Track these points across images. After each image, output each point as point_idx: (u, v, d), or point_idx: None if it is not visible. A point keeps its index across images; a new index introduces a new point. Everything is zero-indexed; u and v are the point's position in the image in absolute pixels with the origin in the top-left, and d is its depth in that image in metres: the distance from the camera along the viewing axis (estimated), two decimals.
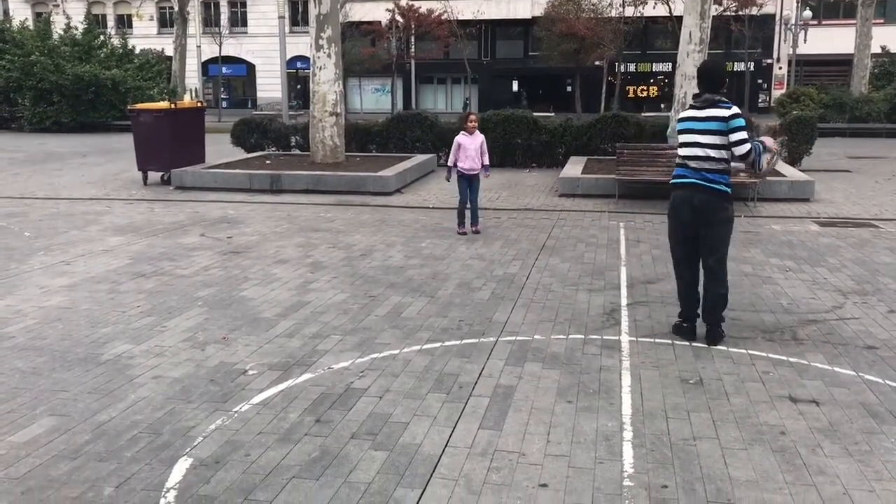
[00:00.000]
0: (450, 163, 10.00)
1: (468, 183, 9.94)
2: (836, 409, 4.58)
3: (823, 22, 43.19)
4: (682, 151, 5.81)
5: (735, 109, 5.62)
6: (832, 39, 41.34)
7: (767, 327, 6.13)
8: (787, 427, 4.33)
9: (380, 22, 43.78)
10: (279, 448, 4.08)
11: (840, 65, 39.64)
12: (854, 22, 32.62)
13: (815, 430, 4.28)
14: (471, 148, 9.88)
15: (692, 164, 5.72)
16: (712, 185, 5.68)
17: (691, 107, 5.82)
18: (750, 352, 5.55)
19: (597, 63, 40.19)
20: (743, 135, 5.53)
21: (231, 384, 4.96)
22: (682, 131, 5.82)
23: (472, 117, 10.12)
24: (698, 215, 5.72)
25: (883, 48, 34.60)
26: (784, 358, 5.43)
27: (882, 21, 40.10)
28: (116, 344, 5.71)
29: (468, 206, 9.94)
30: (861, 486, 3.69)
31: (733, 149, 5.58)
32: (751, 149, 5.56)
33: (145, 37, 48.70)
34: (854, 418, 4.44)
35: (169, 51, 37.42)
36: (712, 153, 5.62)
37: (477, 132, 10.03)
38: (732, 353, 5.52)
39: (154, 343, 5.74)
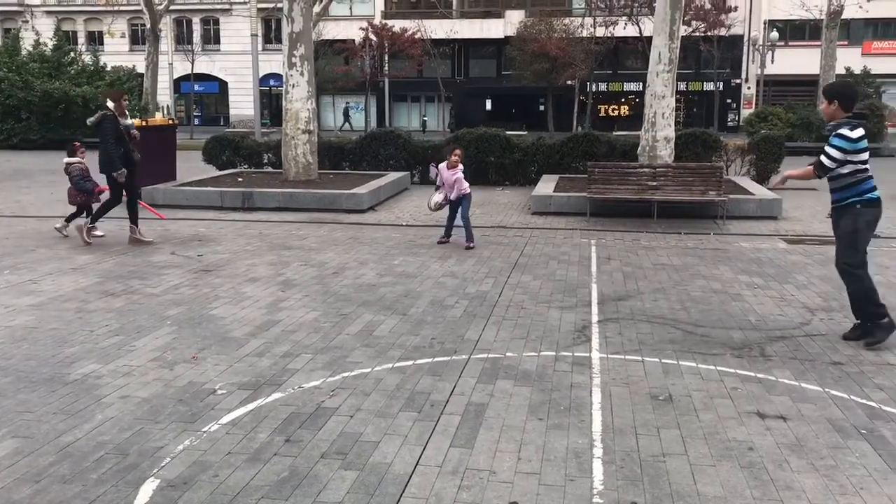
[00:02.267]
0: (437, 181, 10.55)
1: (451, 206, 10.40)
2: (802, 424, 4.63)
3: (790, 43, 44.05)
4: (868, 167, 6.21)
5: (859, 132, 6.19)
6: (799, 60, 42.17)
7: (736, 344, 6.20)
8: (754, 443, 4.37)
9: (353, 40, 43.99)
10: (248, 468, 4.04)
11: (806, 85, 40.39)
12: (819, 43, 33.30)
13: (783, 446, 4.33)
14: (447, 179, 10.27)
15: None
16: None
17: (860, 125, 6.13)
18: (719, 368, 5.60)
19: (569, 82, 40.63)
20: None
21: (200, 404, 4.91)
22: (865, 150, 6.15)
23: (457, 152, 10.40)
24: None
25: (847, 69, 35.31)
26: (752, 374, 5.49)
27: (846, 43, 41.01)
28: (83, 364, 5.63)
29: (458, 224, 10.34)
30: (826, 500, 3.74)
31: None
32: None
33: (117, 53, 48.41)
34: (820, 433, 4.50)
35: (140, 68, 37.20)
36: None
37: (456, 168, 10.30)
38: (701, 370, 5.57)
39: (122, 363, 5.67)
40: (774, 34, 39.74)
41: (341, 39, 43.81)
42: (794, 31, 44.66)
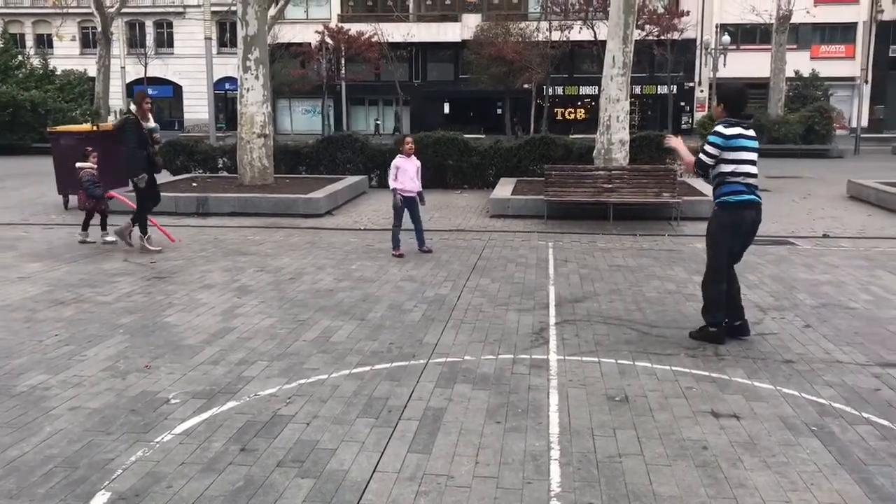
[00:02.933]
0: (391, 185, 10.00)
1: (408, 206, 9.98)
2: (755, 422, 4.71)
3: (741, 47, 44.89)
4: (745, 169, 6.09)
5: None
6: (750, 63, 42.97)
7: (690, 344, 6.27)
8: (709, 442, 4.43)
9: (309, 44, 43.72)
10: (202, 478, 3.98)
11: (757, 88, 41.07)
12: (769, 47, 33.99)
13: (736, 444, 4.39)
14: (409, 170, 9.94)
15: (752, 181, 6.13)
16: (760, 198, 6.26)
17: (738, 125, 6.07)
18: (674, 368, 5.67)
19: (525, 86, 40.86)
20: None
21: (153, 414, 4.82)
22: (740, 149, 6.06)
23: (408, 140, 10.14)
24: (753, 231, 6.26)
25: (796, 72, 36.10)
26: (706, 373, 5.56)
27: (795, 47, 41.89)
28: (32, 374, 5.49)
29: (408, 228, 9.99)
30: (778, 497, 3.80)
31: None
32: None
33: (67, 57, 47.43)
34: (772, 431, 4.58)
35: (92, 71, 36.50)
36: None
37: (413, 156, 10.06)
38: (657, 370, 5.63)
39: (72, 373, 5.54)
40: (726, 38, 40.47)
41: (297, 43, 43.49)
42: (745, 35, 45.54)
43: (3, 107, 28.57)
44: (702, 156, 6.11)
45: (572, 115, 48.52)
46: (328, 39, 43.05)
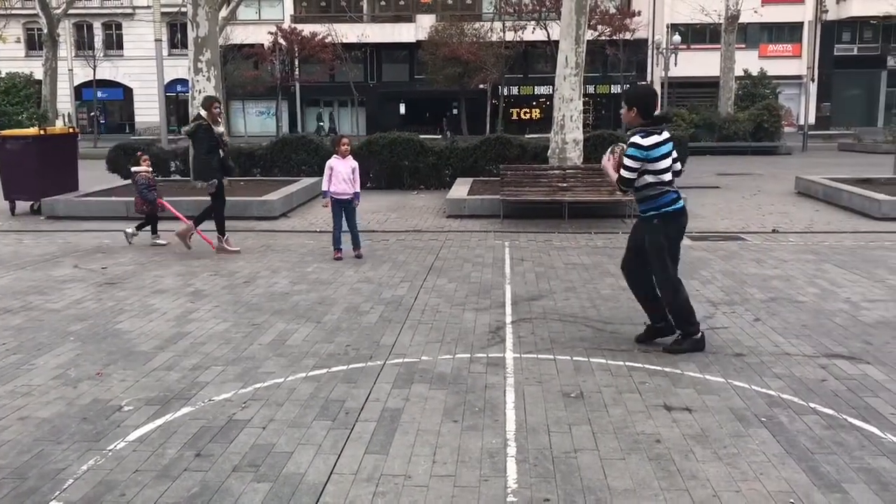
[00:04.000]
0: (323, 187, 9.84)
1: (341, 207, 9.81)
2: (707, 415, 4.80)
3: (692, 46, 45.60)
4: (669, 177, 5.96)
5: None
6: (700, 63, 43.71)
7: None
8: (662, 435, 4.50)
9: (262, 45, 43.30)
10: (157, 486, 3.93)
11: (708, 87, 41.88)
12: (719, 47, 34.60)
13: (688, 437, 4.48)
14: (343, 171, 9.71)
15: (675, 184, 6.08)
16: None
17: (654, 132, 5.86)
18: (627, 363, 5.75)
19: (481, 86, 41.03)
20: None
21: (105, 421, 4.74)
22: (661, 157, 5.88)
23: (344, 140, 9.96)
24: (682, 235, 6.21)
25: (745, 71, 36.81)
26: (659, 368, 5.66)
27: (743, 46, 42.75)
28: None
29: (344, 230, 9.83)
30: (729, 487, 3.88)
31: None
32: None
33: (12, 59, 46.21)
34: (723, 423, 4.67)
35: (38, 74, 35.63)
36: None
37: (350, 157, 9.87)
38: (611, 366, 5.71)
39: (21, 382, 5.42)
40: (677, 37, 41.08)
41: (250, 44, 43.03)
42: (695, 35, 46.28)
43: None
44: (624, 172, 5.87)
45: (528, 115, 48.84)
46: (281, 40, 42.71)
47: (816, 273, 8.83)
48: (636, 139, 5.82)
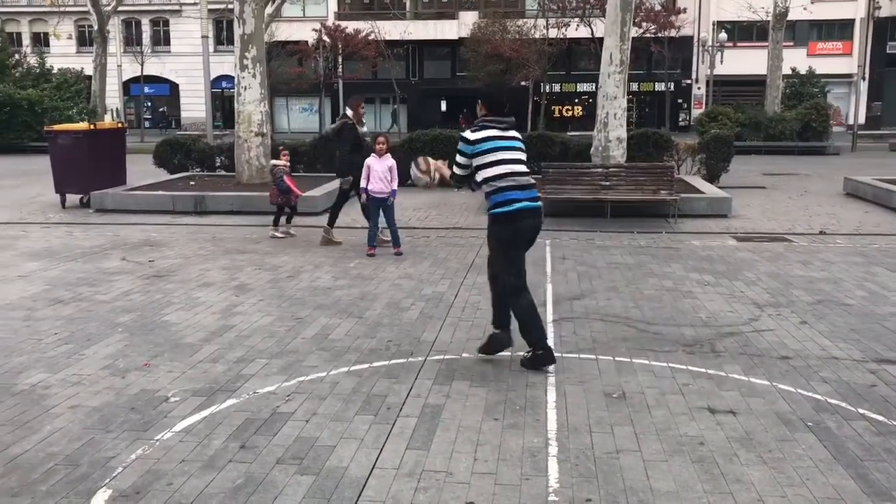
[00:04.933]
0: (362, 184, 9.97)
1: (379, 206, 9.90)
2: (751, 418, 4.74)
3: (738, 44, 44.87)
4: (507, 169, 5.49)
5: None
6: (747, 61, 42.99)
7: (687, 340, 6.31)
8: (705, 438, 4.45)
9: (306, 42, 43.64)
10: (203, 476, 4.00)
11: (755, 85, 41.19)
12: (766, 44, 34.00)
13: (732, 440, 4.42)
14: (379, 170, 9.83)
15: (522, 181, 5.56)
16: (539, 203, 5.65)
17: (489, 126, 5.54)
18: (671, 365, 5.70)
19: (522, 83, 40.85)
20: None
21: (153, 412, 4.84)
22: (493, 150, 5.46)
23: (381, 139, 10.08)
24: (535, 237, 5.79)
25: (793, 69, 36.13)
26: (703, 370, 5.59)
27: (791, 44, 41.92)
28: (31, 373, 5.51)
29: (379, 228, 9.98)
30: (774, 492, 3.83)
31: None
32: None
33: (63, 55, 47.28)
34: (768, 427, 4.61)
35: (88, 70, 36.43)
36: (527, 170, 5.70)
37: (388, 155, 9.96)
38: (654, 367, 5.66)
39: (72, 371, 5.56)
40: (723, 35, 40.51)
41: (294, 41, 43.44)
42: (741, 33, 45.54)
43: (1, 106, 28.55)
44: (455, 168, 5.61)
45: (570, 113, 48.51)
46: (325, 37, 42.97)
47: (865, 276, 8.64)
48: (465, 134, 5.59)
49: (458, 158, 5.57)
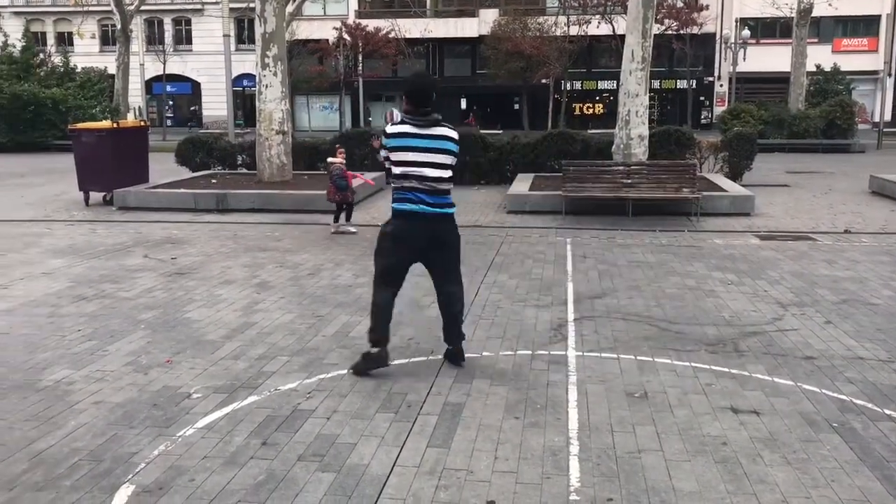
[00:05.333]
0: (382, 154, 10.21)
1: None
2: (775, 418, 4.69)
3: (761, 41, 44.44)
4: (410, 171, 5.27)
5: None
6: (770, 58, 42.56)
7: (710, 340, 6.25)
8: (728, 438, 4.41)
9: (327, 40, 43.77)
10: (224, 472, 4.02)
11: (778, 82, 40.78)
12: (790, 41, 33.65)
13: (756, 440, 4.38)
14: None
15: (420, 186, 5.28)
16: (450, 212, 5.42)
17: (409, 122, 5.29)
18: (693, 364, 5.65)
19: (543, 81, 40.71)
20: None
21: (175, 408, 4.87)
22: (403, 149, 5.26)
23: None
24: (437, 245, 5.49)
25: (817, 66, 35.73)
26: (726, 370, 5.54)
27: (816, 40, 41.45)
28: (55, 369, 5.57)
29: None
30: (799, 493, 3.79)
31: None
32: None
33: (87, 55, 47.74)
34: (793, 427, 4.56)
35: (111, 69, 36.73)
36: (444, 174, 5.33)
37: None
38: (676, 366, 5.61)
39: (95, 368, 5.61)
40: (746, 32, 40.11)
41: (315, 39, 43.57)
42: (765, 29, 45.11)
43: (26, 104, 28.87)
44: (380, 158, 5.46)
45: (591, 110, 48.30)
46: (346, 36, 43.07)
47: (892, 275, 8.53)
48: (387, 127, 5.44)
49: (381, 151, 5.42)
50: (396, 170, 5.32)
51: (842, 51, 44.88)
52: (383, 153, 5.39)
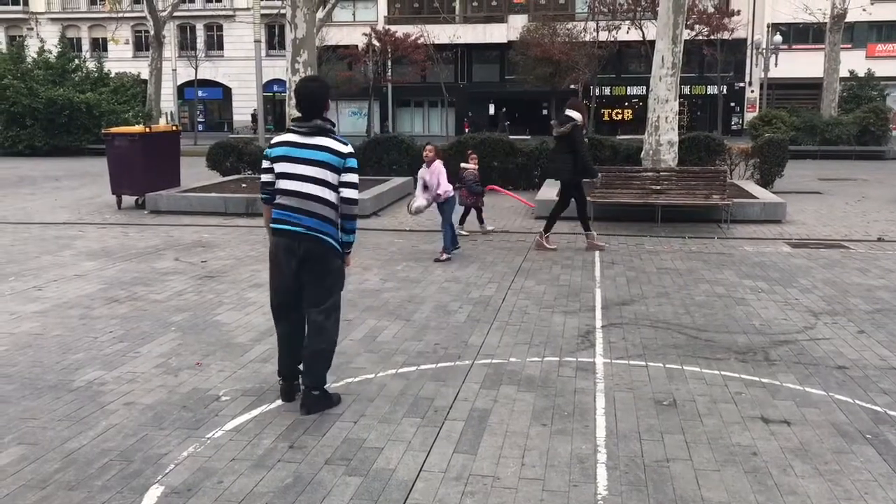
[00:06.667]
0: (418, 188, 10.16)
1: (441, 210, 9.95)
2: (806, 429, 4.62)
3: (793, 47, 44.02)
4: (282, 185, 4.79)
5: (351, 147, 4.87)
6: (802, 63, 42.14)
7: (740, 348, 6.18)
8: (758, 448, 4.36)
9: (356, 46, 44.05)
10: (252, 475, 4.05)
11: (810, 88, 40.36)
12: (823, 47, 33.27)
13: (787, 451, 4.32)
14: (427, 179, 9.94)
15: (292, 202, 4.77)
16: (324, 235, 4.81)
17: (293, 130, 4.83)
18: (723, 373, 5.60)
19: (572, 86, 40.62)
20: (356, 178, 4.87)
21: (204, 410, 4.92)
22: (280, 159, 4.78)
23: (427, 148, 10.06)
24: (308, 268, 4.82)
25: (851, 72, 35.28)
26: (756, 378, 5.48)
27: (849, 46, 40.94)
28: (88, 370, 5.65)
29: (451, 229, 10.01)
30: None
31: (342, 191, 4.82)
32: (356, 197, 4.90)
33: (120, 60, 48.52)
34: (824, 438, 4.49)
35: (144, 74, 37.31)
36: (323, 192, 4.77)
37: (435, 163, 9.91)
38: (706, 375, 5.56)
39: (126, 369, 5.68)
40: (778, 37, 39.73)
41: (344, 45, 43.88)
42: (797, 35, 44.64)
43: (61, 109, 29.36)
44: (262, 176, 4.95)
45: (620, 116, 48.09)
46: (375, 41, 43.32)
47: None
48: (275, 137, 5.04)
49: (263, 163, 4.91)
50: (278, 183, 4.81)
51: (876, 56, 44.28)
52: (264, 164, 4.88)
